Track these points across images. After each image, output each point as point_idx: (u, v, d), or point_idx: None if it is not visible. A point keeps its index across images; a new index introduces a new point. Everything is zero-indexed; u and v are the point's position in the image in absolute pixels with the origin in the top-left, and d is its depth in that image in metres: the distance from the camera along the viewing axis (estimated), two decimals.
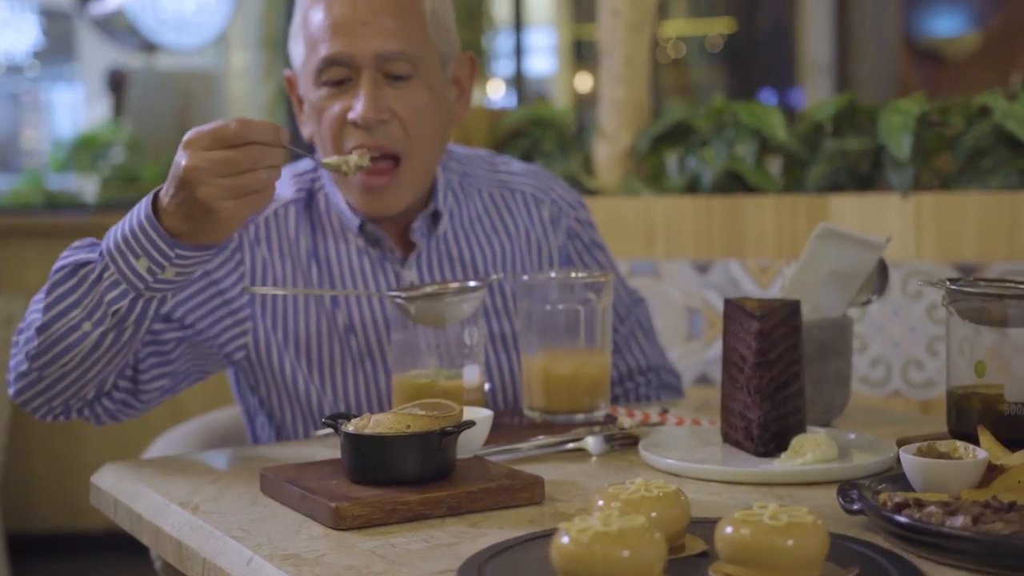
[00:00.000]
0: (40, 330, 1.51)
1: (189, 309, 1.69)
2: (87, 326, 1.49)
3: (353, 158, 1.56)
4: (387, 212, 1.77)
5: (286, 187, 1.82)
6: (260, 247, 1.76)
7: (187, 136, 1.40)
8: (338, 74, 1.71)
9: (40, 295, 1.54)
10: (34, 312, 1.54)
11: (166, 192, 1.42)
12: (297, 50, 1.77)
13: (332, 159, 1.56)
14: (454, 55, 1.80)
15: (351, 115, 1.70)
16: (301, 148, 1.57)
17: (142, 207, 1.45)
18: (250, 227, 1.77)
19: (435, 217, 1.82)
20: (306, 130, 1.79)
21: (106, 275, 1.47)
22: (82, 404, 1.62)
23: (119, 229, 1.47)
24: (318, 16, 1.71)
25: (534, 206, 1.91)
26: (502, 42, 6.67)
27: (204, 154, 1.37)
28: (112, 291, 1.47)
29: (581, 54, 8.35)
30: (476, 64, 1.86)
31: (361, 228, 1.79)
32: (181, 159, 1.38)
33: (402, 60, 1.70)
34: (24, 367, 1.55)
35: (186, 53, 5.94)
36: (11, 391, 1.60)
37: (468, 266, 1.84)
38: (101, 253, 1.48)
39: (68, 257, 1.53)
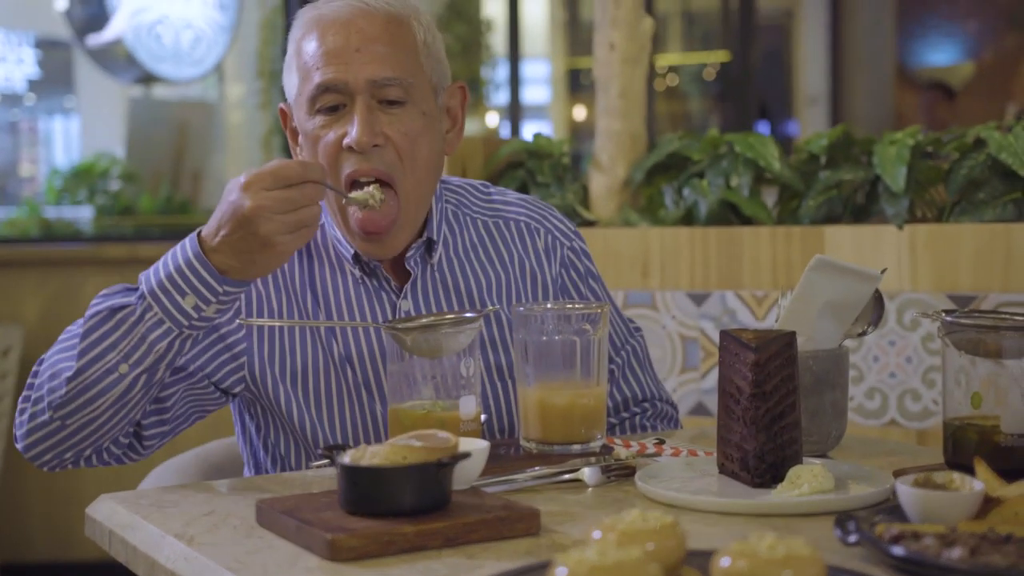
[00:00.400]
0: (71, 378, 1.56)
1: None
2: (124, 368, 1.56)
3: (375, 192, 1.67)
4: (387, 255, 1.79)
5: None
6: (255, 281, 1.77)
7: (245, 179, 1.51)
8: (332, 100, 1.71)
9: (62, 345, 1.59)
10: (61, 363, 1.57)
11: (214, 232, 1.52)
12: (291, 81, 1.78)
13: (358, 193, 1.67)
14: (445, 86, 1.81)
15: (346, 140, 1.70)
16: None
17: (187, 247, 1.54)
18: None
19: (429, 245, 1.83)
20: None
21: (148, 315, 1.55)
22: (91, 452, 1.64)
23: (160, 270, 1.55)
24: (312, 45, 1.72)
25: (528, 235, 1.92)
26: (499, 73, 6.70)
27: (267, 193, 1.49)
28: (156, 330, 1.55)
29: (578, 84, 8.38)
30: (467, 94, 1.87)
31: (356, 257, 1.79)
32: (244, 200, 1.49)
33: (395, 85, 1.71)
34: (44, 417, 1.58)
35: (183, 84, 5.95)
36: (20, 444, 1.62)
37: (463, 295, 1.84)
38: (141, 295, 1.55)
39: (101, 303, 1.59)
